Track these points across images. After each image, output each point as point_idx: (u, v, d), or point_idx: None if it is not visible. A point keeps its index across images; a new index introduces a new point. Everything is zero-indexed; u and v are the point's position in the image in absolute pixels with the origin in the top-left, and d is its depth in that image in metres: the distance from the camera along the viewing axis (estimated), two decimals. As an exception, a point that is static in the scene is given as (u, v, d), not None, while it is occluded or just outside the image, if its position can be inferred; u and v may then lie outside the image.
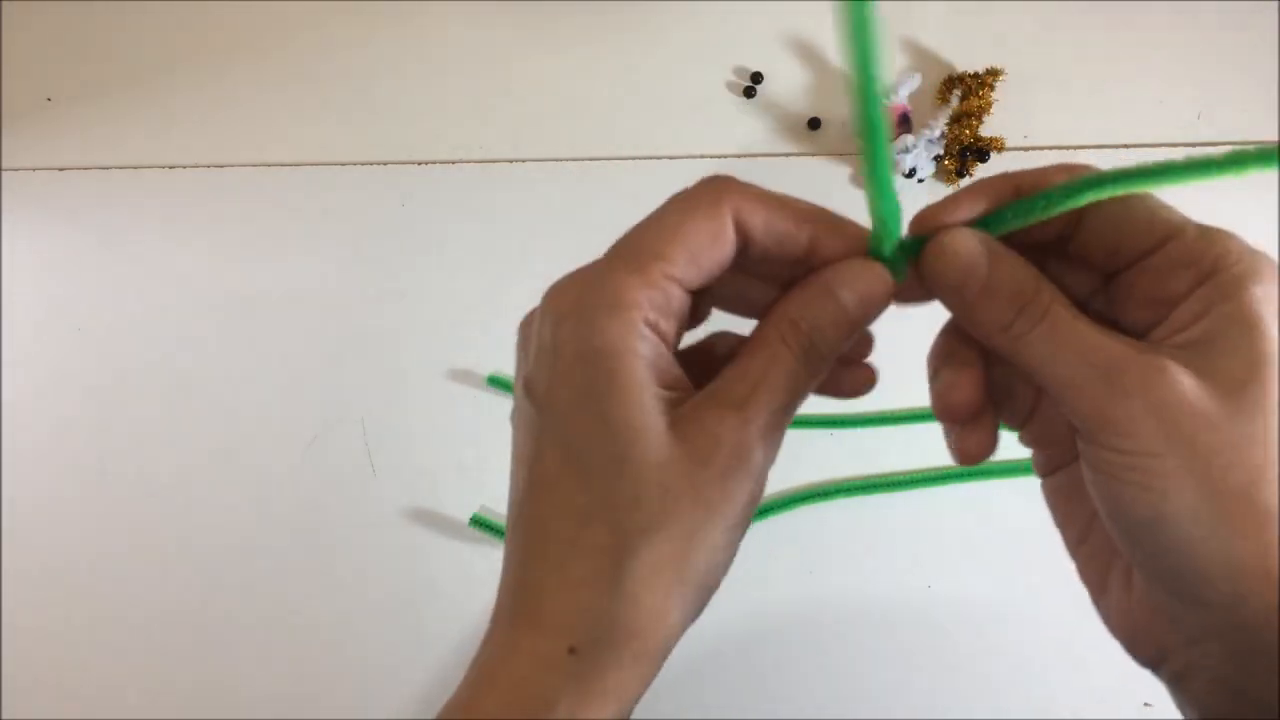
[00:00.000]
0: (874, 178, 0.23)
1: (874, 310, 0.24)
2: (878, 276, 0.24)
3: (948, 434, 0.27)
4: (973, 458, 0.26)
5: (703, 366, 0.26)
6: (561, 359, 0.23)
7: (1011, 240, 0.25)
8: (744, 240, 0.24)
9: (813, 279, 0.25)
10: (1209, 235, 0.23)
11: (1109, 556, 0.26)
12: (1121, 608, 0.25)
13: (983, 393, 0.26)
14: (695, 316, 0.27)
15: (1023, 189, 0.25)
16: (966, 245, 0.24)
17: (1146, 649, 0.25)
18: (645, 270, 0.23)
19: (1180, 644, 0.23)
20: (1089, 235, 0.25)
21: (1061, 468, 0.28)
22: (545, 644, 0.23)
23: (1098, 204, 0.23)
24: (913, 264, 0.25)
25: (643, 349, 0.23)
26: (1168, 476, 0.21)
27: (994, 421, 0.27)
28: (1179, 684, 0.24)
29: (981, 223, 0.25)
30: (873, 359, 0.28)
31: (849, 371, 0.27)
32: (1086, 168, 0.24)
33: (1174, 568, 0.22)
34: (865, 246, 0.25)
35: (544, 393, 0.24)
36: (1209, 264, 0.22)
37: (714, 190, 0.24)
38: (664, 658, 0.24)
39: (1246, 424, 0.21)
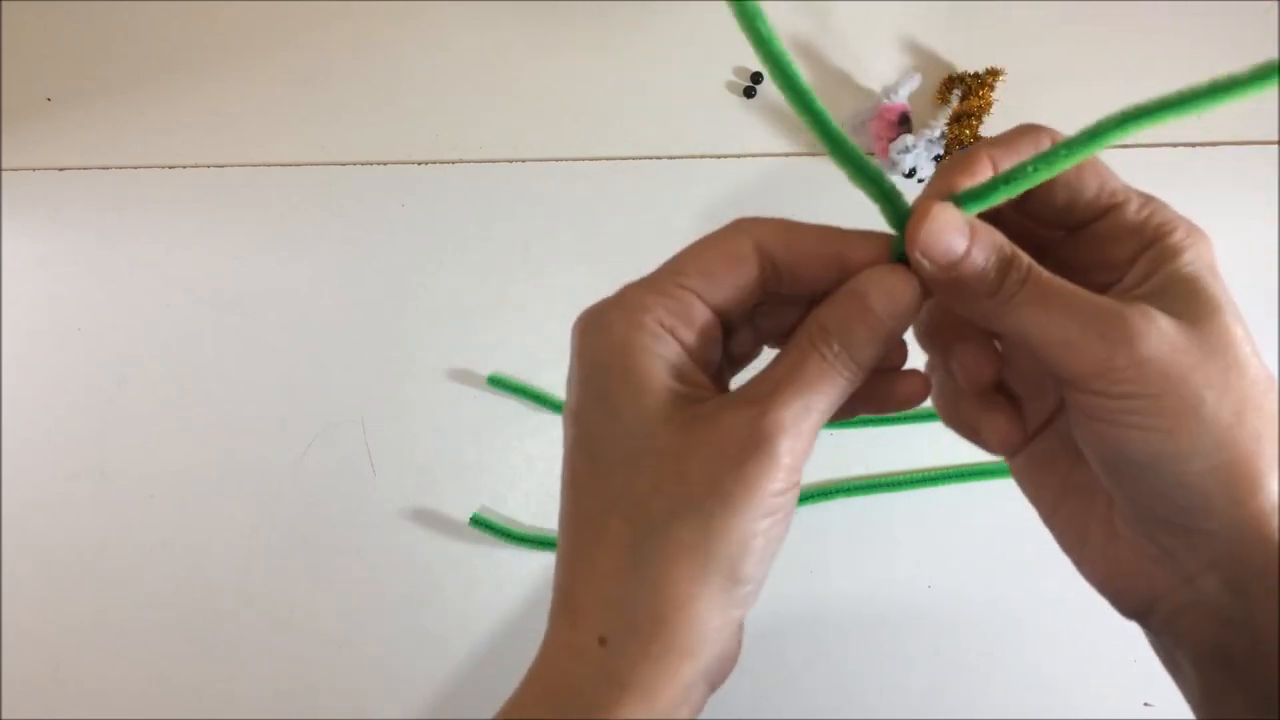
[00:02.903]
0: (845, 165, 0.24)
1: (902, 310, 0.25)
2: (901, 278, 0.25)
3: (972, 433, 0.28)
4: (1005, 431, 0.27)
5: None
6: (579, 368, 0.25)
7: None
8: (770, 262, 0.25)
9: (842, 286, 0.25)
10: (1149, 205, 0.25)
11: (1085, 517, 0.27)
12: (1108, 561, 0.26)
13: (998, 358, 0.27)
14: (741, 351, 0.28)
15: (995, 157, 0.26)
16: (949, 209, 0.24)
17: (1134, 599, 0.26)
18: (657, 282, 0.25)
19: (1175, 584, 0.24)
20: (1041, 198, 0.26)
21: (1028, 442, 0.29)
22: (579, 636, 0.24)
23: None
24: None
25: (655, 347, 0.24)
26: (1168, 415, 0.22)
27: (1004, 397, 0.28)
28: (1171, 626, 0.25)
29: (973, 197, 0.25)
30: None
31: (897, 380, 0.28)
32: (1045, 129, 0.25)
33: (1177, 504, 0.23)
34: (889, 251, 0.26)
35: (570, 406, 0.25)
36: (1150, 232, 0.24)
37: (734, 222, 0.26)
38: (700, 656, 0.24)
39: (1220, 358, 0.22)
